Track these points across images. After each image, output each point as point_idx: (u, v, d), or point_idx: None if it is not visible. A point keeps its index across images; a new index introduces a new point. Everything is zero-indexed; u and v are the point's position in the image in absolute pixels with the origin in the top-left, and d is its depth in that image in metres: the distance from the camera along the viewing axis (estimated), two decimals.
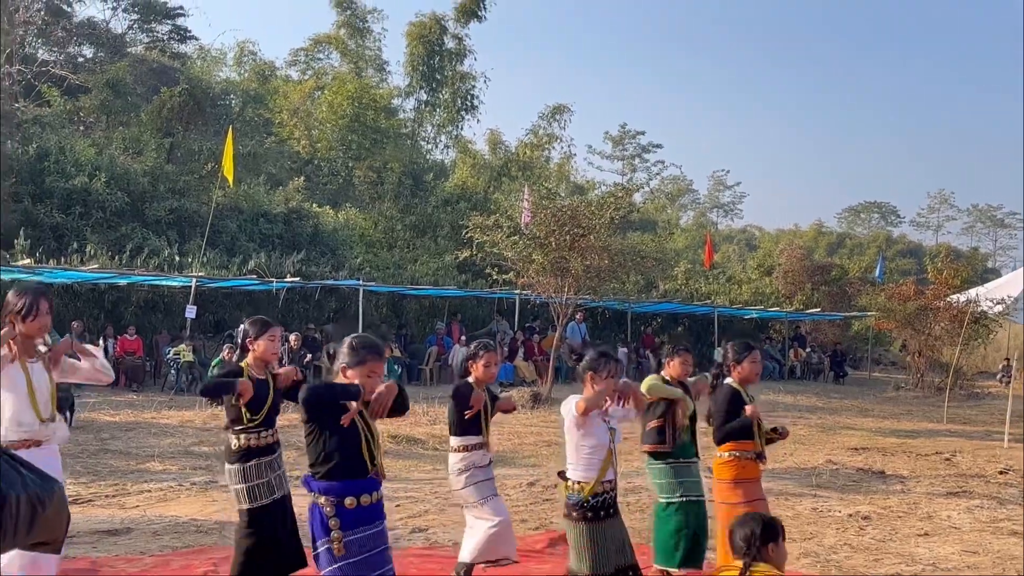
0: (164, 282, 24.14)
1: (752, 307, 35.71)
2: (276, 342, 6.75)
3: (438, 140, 44.05)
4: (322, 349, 20.93)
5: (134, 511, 9.89)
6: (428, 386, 24.09)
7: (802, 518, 10.55)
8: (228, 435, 6.56)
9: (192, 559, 7.93)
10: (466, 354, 7.45)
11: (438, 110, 42.66)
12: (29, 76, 34.41)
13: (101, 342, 21.26)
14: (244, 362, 6.58)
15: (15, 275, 21.83)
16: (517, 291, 25.88)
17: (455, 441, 7.17)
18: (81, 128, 34.33)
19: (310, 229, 30.80)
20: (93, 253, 23.69)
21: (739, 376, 7.22)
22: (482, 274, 26.91)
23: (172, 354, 21.84)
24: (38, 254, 22.72)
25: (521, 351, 26.55)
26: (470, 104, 42.36)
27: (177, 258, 25.24)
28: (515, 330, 27.95)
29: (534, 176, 38.16)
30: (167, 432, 15.60)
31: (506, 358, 24.71)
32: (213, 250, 26.19)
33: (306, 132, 39.82)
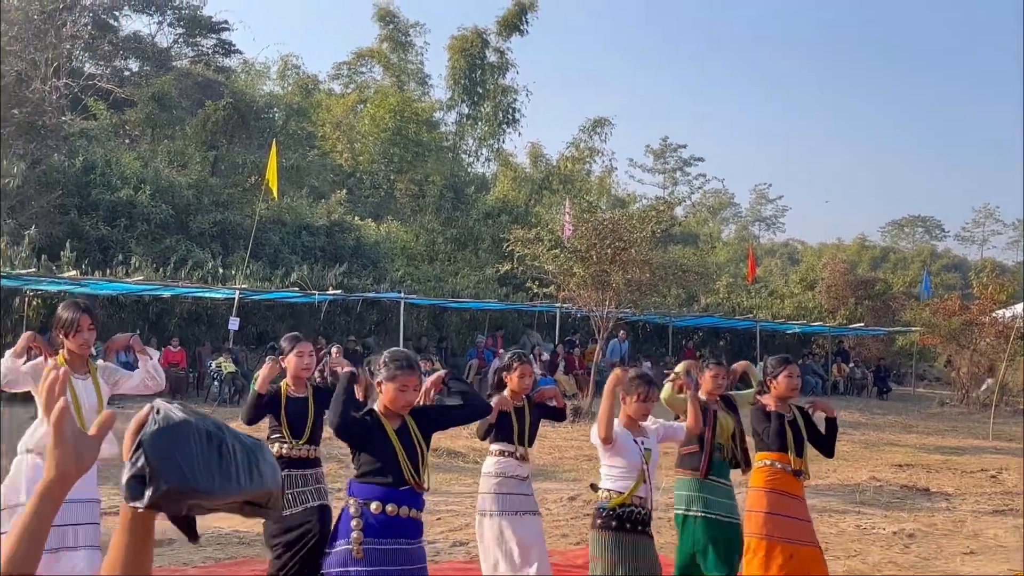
0: (207, 294, 24.33)
1: (794, 321, 35.42)
2: (305, 357, 6.71)
3: (479, 153, 44.13)
4: (363, 362, 20.99)
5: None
6: None
7: (846, 535, 10.45)
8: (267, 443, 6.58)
9: (235, 571, 7.97)
10: (499, 365, 7.37)
11: (479, 123, 42.72)
12: (76, 89, 34.84)
13: None
14: (284, 381, 6.60)
15: (62, 287, 22.14)
16: (558, 304, 25.87)
17: (491, 446, 7.05)
18: (127, 141, 34.74)
19: (352, 242, 30.95)
20: (138, 265, 23.93)
21: (776, 391, 7.12)
22: (523, 287, 26.93)
23: (215, 366, 22.02)
24: (84, 266, 22.98)
25: (562, 365, 26.51)
26: (511, 117, 42.39)
27: (220, 270, 25.45)
28: (555, 344, 27.93)
29: (575, 189, 38.08)
30: None
31: (546, 372, 24.68)
32: (256, 262, 26.38)
33: (348, 145, 40.05)
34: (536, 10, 41.57)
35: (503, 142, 43.56)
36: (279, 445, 6.42)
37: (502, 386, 7.05)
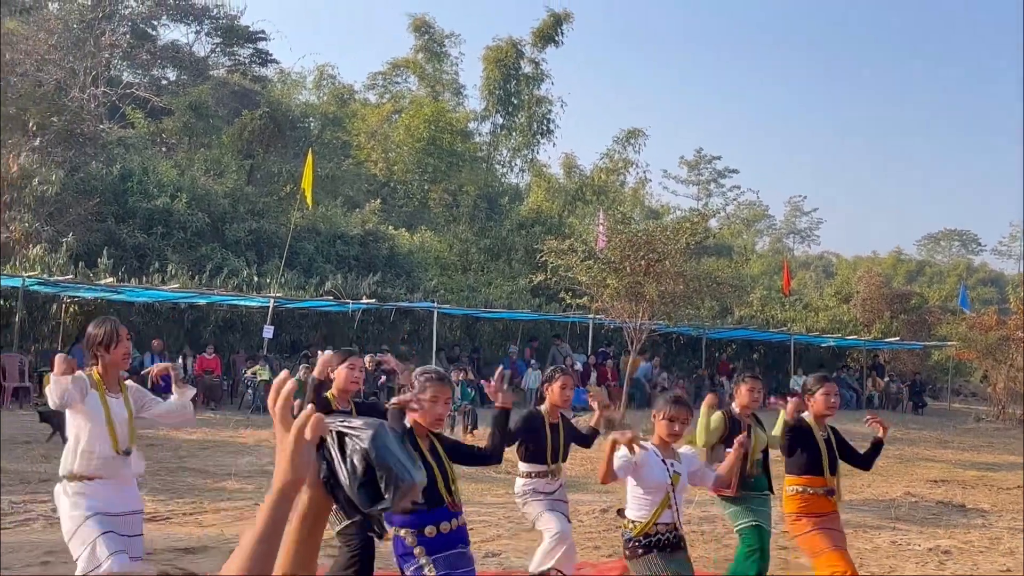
0: (242, 302, 24.49)
1: (829, 335, 35.20)
2: (356, 370, 6.76)
3: (513, 164, 44.25)
4: (397, 372, 21.01)
5: (211, 529, 9.97)
6: None
7: (881, 551, 10.36)
8: None
9: None
10: (542, 378, 7.42)
11: (514, 134, 42.82)
12: (114, 98, 35.18)
13: (180, 360, 21.63)
14: (329, 392, 6.61)
15: (99, 294, 22.34)
16: (591, 316, 25.84)
17: (521, 466, 7.13)
18: (163, 149, 35.02)
19: (386, 251, 31.05)
20: (174, 273, 24.11)
21: (814, 408, 7.09)
22: (556, 298, 26.91)
23: (249, 373, 22.13)
24: (120, 273, 23.16)
25: (594, 376, 26.46)
26: (546, 128, 42.48)
27: (255, 278, 25.59)
28: (587, 355, 27.89)
29: (609, 200, 38.12)
30: (244, 451, 15.77)
31: (578, 383, 24.63)
32: (291, 271, 26.52)
33: (383, 155, 40.23)
34: (571, 21, 41.73)
35: (537, 153, 43.73)
36: None
37: (543, 399, 7.15)
